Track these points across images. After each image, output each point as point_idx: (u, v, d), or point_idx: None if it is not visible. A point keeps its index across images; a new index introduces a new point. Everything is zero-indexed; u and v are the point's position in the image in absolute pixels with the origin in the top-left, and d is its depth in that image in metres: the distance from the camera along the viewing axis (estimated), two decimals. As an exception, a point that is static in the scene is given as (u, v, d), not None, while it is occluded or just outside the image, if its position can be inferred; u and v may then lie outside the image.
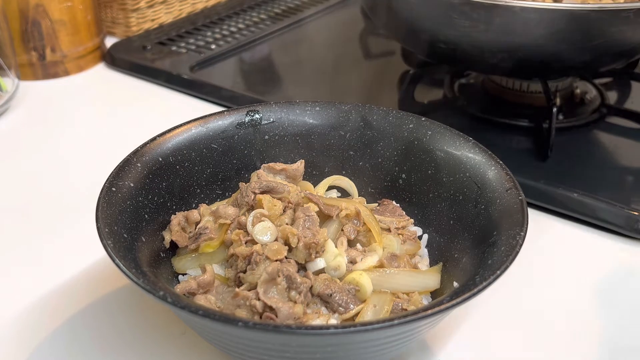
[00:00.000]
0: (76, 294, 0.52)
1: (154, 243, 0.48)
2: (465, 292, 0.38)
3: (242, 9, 1.04)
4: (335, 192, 0.55)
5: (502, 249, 0.42)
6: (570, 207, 0.60)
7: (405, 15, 0.67)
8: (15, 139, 0.74)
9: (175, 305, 0.37)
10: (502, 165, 0.48)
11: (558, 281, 0.54)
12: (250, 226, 0.45)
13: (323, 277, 0.44)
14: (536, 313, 0.51)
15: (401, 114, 0.54)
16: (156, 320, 0.49)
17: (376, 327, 0.36)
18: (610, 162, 0.69)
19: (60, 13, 0.83)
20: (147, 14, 0.96)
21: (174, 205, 0.50)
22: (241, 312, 0.42)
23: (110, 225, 0.43)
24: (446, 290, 0.46)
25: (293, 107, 0.56)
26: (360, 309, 0.43)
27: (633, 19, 0.58)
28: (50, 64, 0.85)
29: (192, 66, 0.85)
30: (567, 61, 0.65)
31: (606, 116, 0.74)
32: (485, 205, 0.47)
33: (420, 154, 0.53)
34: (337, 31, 1.00)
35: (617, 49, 0.64)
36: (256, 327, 0.36)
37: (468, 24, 0.61)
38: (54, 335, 0.48)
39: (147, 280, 0.39)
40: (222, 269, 0.47)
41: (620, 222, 0.58)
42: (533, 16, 0.58)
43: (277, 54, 0.94)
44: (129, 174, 0.47)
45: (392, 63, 0.89)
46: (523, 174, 0.60)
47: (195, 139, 0.52)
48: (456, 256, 0.48)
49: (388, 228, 0.50)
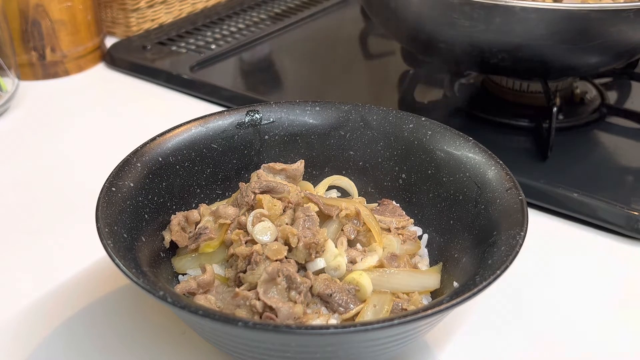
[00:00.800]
0: (76, 294, 0.52)
1: (154, 243, 0.48)
2: (465, 292, 0.38)
3: (242, 8, 1.04)
4: (335, 192, 0.55)
5: (502, 249, 0.42)
6: (570, 207, 0.60)
7: (405, 15, 0.67)
8: (15, 139, 0.74)
9: (175, 305, 0.37)
10: (502, 165, 0.48)
11: (558, 281, 0.54)
12: (250, 226, 0.45)
13: (323, 277, 0.44)
14: (536, 313, 0.51)
15: (401, 114, 0.54)
16: (156, 320, 0.49)
17: (376, 327, 0.36)
18: (610, 162, 0.69)
19: (60, 13, 0.83)
20: (147, 14, 0.96)
21: (174, 205, 0.50)
22: (241, 312, 0.42)
23: (110, 225, 0.43)
24: (446, 290, 0.46)
25: (293, 107, 0.56)
26: (360, 309, 0.43)
27: (633, 18, 0.58)
28: (50, 63, 0.85)
29: (192, 66, 0.85)
30: (567, 61, 0.65)
31: (606, 116, 0.74)
32: (485, 205, 0.47)
33: (420, 154, 0.53)
34: (337, 31, 1.00)
35: (617, 49, 0.64)
36: (256, 327, 0.36)
37: (468, 24, 0.61)
38: (53, 335, 0.48)
39: (147, 280, 0.39)
40: (222, 269, 0.47)
41: (620, 222, 0.58)
42: (533, 16, 0.58)
43: (277, 54, 0.94)
44: (129, 173, 0.47)
45: (392, 63, 0.89)
46: (523, 174, 0.60)
47: (195, 139, 0.52)
48: (456, 256, 0.48)
49: (388, 228, 0.50)
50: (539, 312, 0.51)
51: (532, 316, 0.51)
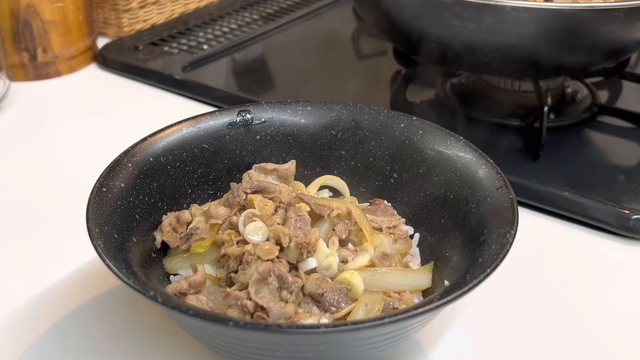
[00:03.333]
0: (66, 295, 0.52)
1: (145, 243, 0.48)
2: (456, 290, 0.38)
3: (234, 9, 1.04)
4: (327, 191, 0.55)
5: (492, 248, 0.42)
6: (562, 206, 0.60)
7: (397, 15, 0.67)
8: (7, 139, 0.74)
9: (166, 306, 0.37)
10: (492, 164, 0.48)
11: (549, 280, 0.54)
12: (241, 226, 0.45)
13: (314, 277, 0.44)
14: (527, 311, 0.51)
15: (392, 114, 0.54)
16: (147, 321, 0.49)
17: (367, 325, 0.36)
18: (602, 160, 0.69)
19: (52, 14, 0.83)
20: (139, 14, 0.96)
21: (165, 206, 0.50)
22: (232, 312, 0.42)
23: (101, 225, 0.43)
24: (437, 289, 0.46)
25: (284, 107, 0.56)
26: (351, 308, 0.43)
27: (623, 18, 0.58)
28: (41, 64, 0.85)
29: (184, 66, 0.85)
30: (558, 60, 0.65)
31: (597, 115, 0.74)
32: (476, 204, 0.47)
33: (412, 154, 0.53)
34: (329, 31, 1.00)
35: (607, 48, 0.64)
36: (247, 327, 0.36)
37: (459, 24, 0.61)
38: (44, 337, 0.48)
39: (137, 280, 0.39)
40: (214, 269, 0.47)
41: (611, 220, 0.58)
42: (524, 15, 0.58)
43: (269, 54, 0.94)
44: (119, 174, 0.47)
45: (384, 63, 0.89)
46: (514, 173, 0.60)
47: (187, 139, 0.52)
48: (447, 255, 0.48)
49: (379, 227, 0.50)
50: (530, 311, 0.51)
51: (523, 314, 0.51)
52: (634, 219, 0.57)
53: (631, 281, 0.55)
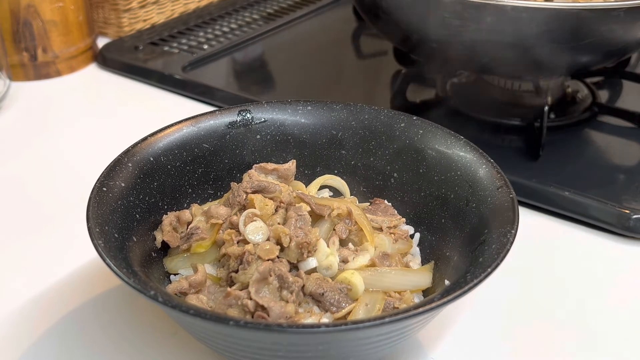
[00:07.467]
0: (67, 295, 0.52)
1: (146, 243, 0.48)
2: (456, 290, 0.38)
3: (235, 9, 1.04)
4: (327, 191, 0.55)
5: (493, 247, 0.42)
6: (562, 205, 0.60)
7: (397, 15, 0.67)
8: (7, 139, 0.74)
9: (167, 305, 0.37)
10: (492, 163, 0.48)
11: (549, 279, 0.54)
12: (242, 226, 0.45)
13: (315, 277, 0.44)
14: (527, 311, 0.51)
15: (393, 113, 0.54)
16: (148, 320, 0.49)
17: (367, 325, 0.36)
18: (602, 160, 0.69)
19: (52, 13, 0.83)
20: (139, 14, 0.96)
21: (165, 205, 0.50)
22: (233, 312, 0.42)
23: (101, 225, 0.43)
24: (438, 288, 0.46)
25: (285, 107, 0.56)
26: (352, 308, 0.43)
27: (623, 17, 0.58)
28: (41, 64, 0.85)
29: (184, 66, 0.85)
30: (558, 60, 0.65)
31: (597, 115, 0.74)
32: (477, 204, 0.47)
33: (412, 153, 0.53)
34: (330, 31, 1.00)
35: (607, 47, 0.64)
36: (247, 326, 0.36)
37: (459, 23, 0.61)
38: (44, 336, 0.48)
39: (138, 280, 0.39)
40: (214, 269, 0.47)
41: (612, 220, 0.58)
42: (524, 15, 0.58)
43: (269, 54, 0.94)
44: (120, 173, 0.47)
45: (384, 63, 0.89)
46: (515, 173, 0.60)
47: (187, 139, 0.52)
48: (447, 254, 0.48)
49: (380, 227, 0.50)
50: (530, 310, 0.51)
51: (523, 314, 0.51)
52: (634, 219, 0.57)
53: (631, 281, 0.55)
